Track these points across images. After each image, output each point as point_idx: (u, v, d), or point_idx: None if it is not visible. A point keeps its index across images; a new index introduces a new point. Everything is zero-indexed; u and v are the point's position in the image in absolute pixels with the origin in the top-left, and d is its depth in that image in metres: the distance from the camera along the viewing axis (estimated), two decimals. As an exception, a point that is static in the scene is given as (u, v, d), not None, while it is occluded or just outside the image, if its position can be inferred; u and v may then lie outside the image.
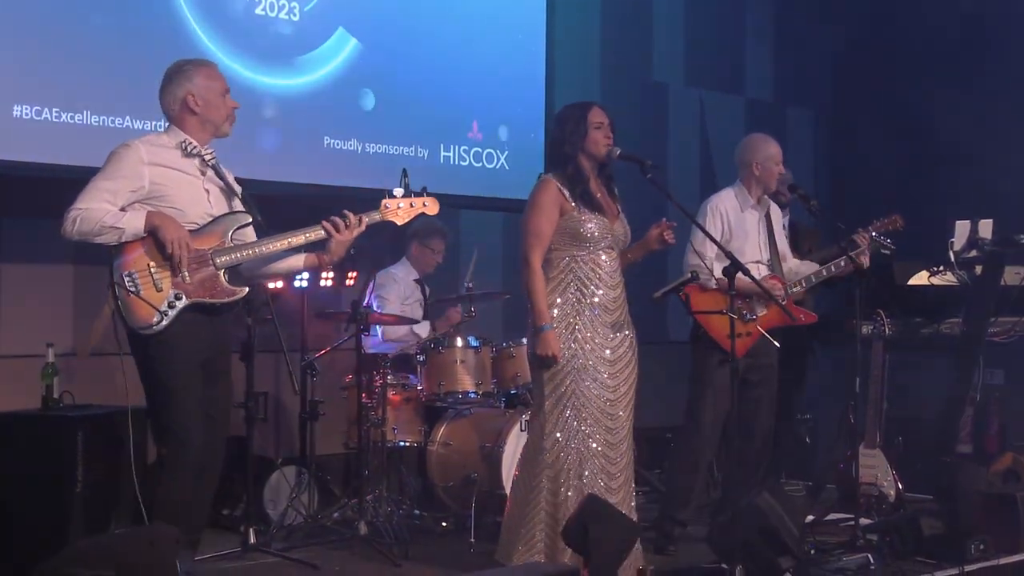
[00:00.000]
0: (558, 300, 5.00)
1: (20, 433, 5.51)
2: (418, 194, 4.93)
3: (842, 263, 6.00)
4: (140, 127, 6.00)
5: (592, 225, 4.99)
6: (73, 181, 4.56)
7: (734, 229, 5.96)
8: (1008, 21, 8.90)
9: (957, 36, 9.01)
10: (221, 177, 4.71)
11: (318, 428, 6.45)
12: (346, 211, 4.75)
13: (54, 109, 5.92)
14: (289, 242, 4.66)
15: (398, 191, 4.89)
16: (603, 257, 5.04)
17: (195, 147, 4.62)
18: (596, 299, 5.00)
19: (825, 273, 6.09)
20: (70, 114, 5.97)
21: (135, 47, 6.07)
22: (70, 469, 5.33)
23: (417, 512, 6.35)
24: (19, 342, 6.19)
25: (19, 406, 5.81)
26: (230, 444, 6.11)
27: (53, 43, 5.92)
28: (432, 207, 4.95)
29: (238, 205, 4.72)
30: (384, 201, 4.87)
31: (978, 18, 8.96)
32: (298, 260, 4.85)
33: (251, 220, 4.68)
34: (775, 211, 6.21)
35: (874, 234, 6.23)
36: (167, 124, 4.72)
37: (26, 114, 5.84)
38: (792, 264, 6.19)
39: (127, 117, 6.04)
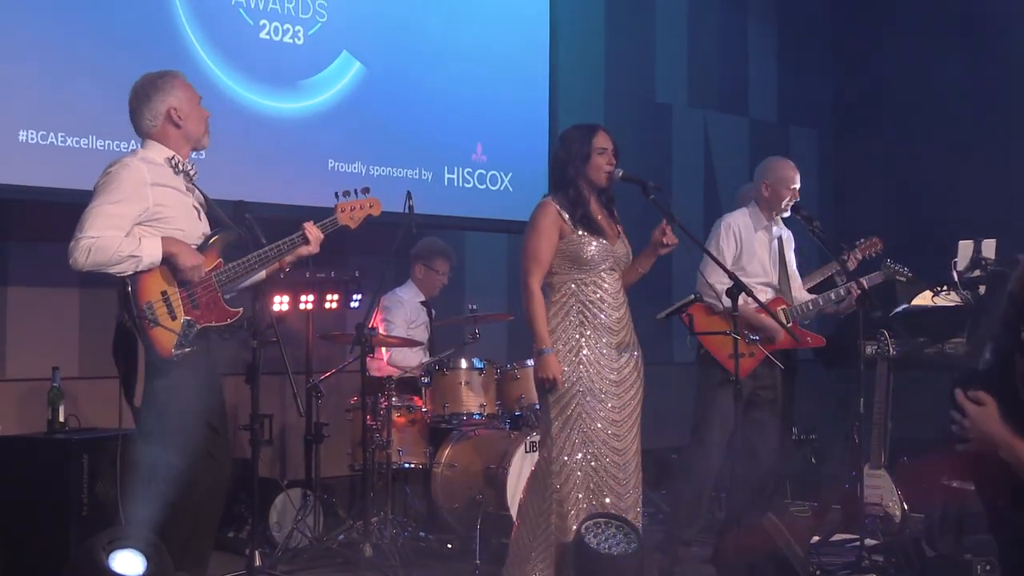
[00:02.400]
0: (561, 323, 4.99)
1: (25, 456, 5.53)
2: (361, 197, 4.86)
3: (843, 292, 6.03)
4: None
5: (593, 247, 4.99)
6: (79, 205, 4.53)
7: (744, 247, 6.00)
8: (1010, 42, 8.92)
9: (961, 56, 9.03)
10: (199, 190, 4.62)
11: (323, 450, 6.45)
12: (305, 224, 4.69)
13: (59, 133, 5.95)
14: (277, 253, 4.59)
15: (347, 194, 4.84)
16: (605, 278, 5.04)
17: (182, 163, 4.51)
18: (600, 321, 5.00)
19: (822, 302, 6.11)
20: (75, 138, 6.00)
21: (140, 72, 6.05)
22: (75, 493, 5.34)
23: (422, 534, 6.35)
24: (25, 366, 6.21)
25: (25, 430, 5.84)
26: (235, 466, 6.15)
27: (58, 68, 5.95)
28: (376, 208, 4.87)
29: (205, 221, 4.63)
30: (339, 204, 4.79)
31: (981, 39, 8.98)
32: (261, 271, 4.74)
33: (238, 235, 4.62)
34: (787, 236, 6.24)
35: (888, 261, 6.27)
36: (142, 141, 4.58)
37: (32, 139, 5.87)
38: (796, 294, 6.20)
39: (131, 141, 6.01)
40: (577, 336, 4.98)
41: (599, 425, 4.95)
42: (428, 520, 6.59)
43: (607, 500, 4.95)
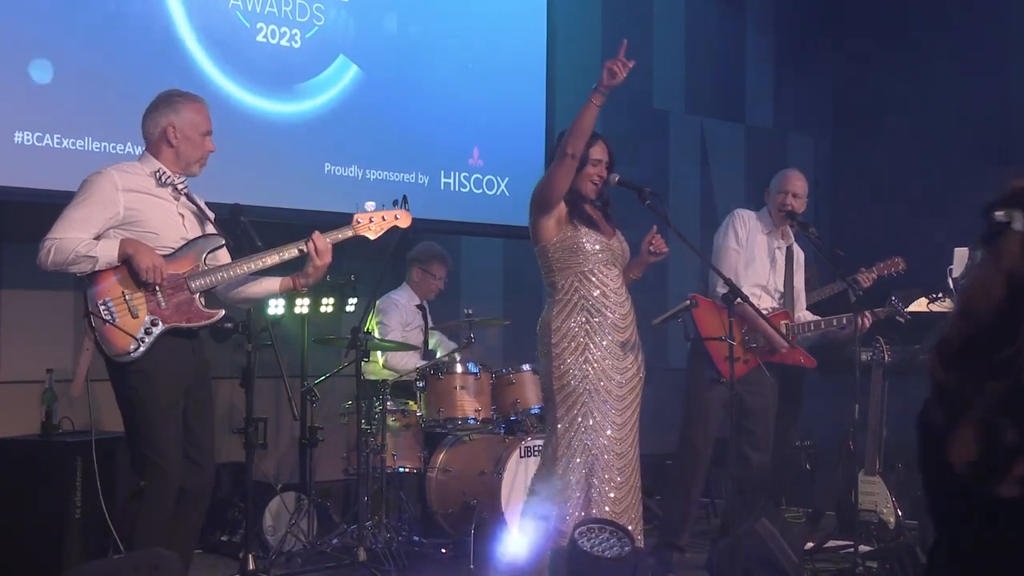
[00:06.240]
0: (566, 322, 4.97)
1: (19, 458, 5.52)
2: (391, 208, 4.86)
3: (844, 321, 5.96)
4: (141, 152, 6.01)
5: (589, 239, 4.99)
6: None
7: (747, 245, 5.99)
8: (1008, 49, 8.94)
9: (958, 62, 9.04)
10: (194, 202, 4.67)
11: (317, 454, 6.45)
12: (316, 232, 4.67)
13: (55, 135, 5.95)
14: (263, 262, 4.59)
15: (369, 205, 4.82)
16: (606, 272, 5.02)
17: (169, 177, 4.57)
18: (606, 318, 4.98)
19: (823, 325, 6.06)
20: (71, 140, 6.00)
21: (137, 73, 6.09)
22: (68, 495, 5.33)
23: (416, 538, 6.35)
24: (19, 367, 6.20)
25: (18, 431, 5.83)
26: (229, 470, 6.17)
27: (54, 70, 5.94)
28: (404, 220, 4.86)
29: (211, 230, 4.68)
30: (356, 216, 4.80)
31: (980, 45, 8.99)
32: (273, 284, 4.76)
33: (223, 243, 4.65)
34: (799, 252, 6.22)
35: (893, 299, 6.25)
36: (142, 149, 4.68)
37: (27, 140, 5.87)
38: (799, 313, 6.16)
39: (128, 143, 6.06)
40: (583, 337, 4.96)
41: (603, 427, 4.93)
42: (422, 524, 6.59)
43: (606, 508, 4.93)
